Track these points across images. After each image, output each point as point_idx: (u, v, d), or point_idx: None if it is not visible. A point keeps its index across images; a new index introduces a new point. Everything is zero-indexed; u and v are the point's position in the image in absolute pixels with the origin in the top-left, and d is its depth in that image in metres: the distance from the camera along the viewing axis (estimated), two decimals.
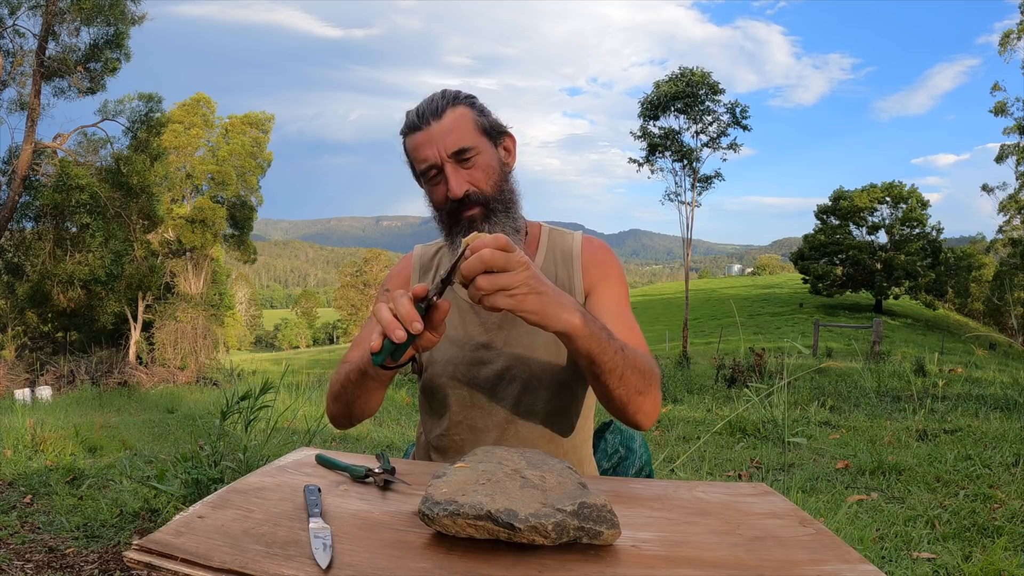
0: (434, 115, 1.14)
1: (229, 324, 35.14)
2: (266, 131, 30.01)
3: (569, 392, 1.20)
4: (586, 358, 0.94)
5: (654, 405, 1.04)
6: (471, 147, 1.13)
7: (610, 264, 1.24)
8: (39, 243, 17.66)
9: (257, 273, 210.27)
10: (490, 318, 1.22)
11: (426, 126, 1.14)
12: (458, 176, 1.13)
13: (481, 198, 1.14)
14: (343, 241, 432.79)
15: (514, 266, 0.82)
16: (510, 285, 0.82)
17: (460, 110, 1.15)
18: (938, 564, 2.39)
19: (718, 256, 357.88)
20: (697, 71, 18.53)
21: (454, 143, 1.12)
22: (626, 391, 0.99)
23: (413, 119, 1.16)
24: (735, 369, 9.04)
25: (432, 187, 1.18)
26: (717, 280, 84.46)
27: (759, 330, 29.56)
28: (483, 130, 1.17)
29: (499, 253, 0.82)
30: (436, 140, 1.13)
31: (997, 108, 25.13)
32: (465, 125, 1.15)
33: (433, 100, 1.16)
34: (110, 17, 16.70)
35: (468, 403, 1.20)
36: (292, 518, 0.75)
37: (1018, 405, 5.70)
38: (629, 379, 0.98)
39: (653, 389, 1.02)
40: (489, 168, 1.16)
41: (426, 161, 1.14)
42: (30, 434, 4.95)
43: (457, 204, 1.14)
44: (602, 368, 0.95)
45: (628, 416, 1.04)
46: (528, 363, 1.18)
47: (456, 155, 1.12)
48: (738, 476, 3.96)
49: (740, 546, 0.70)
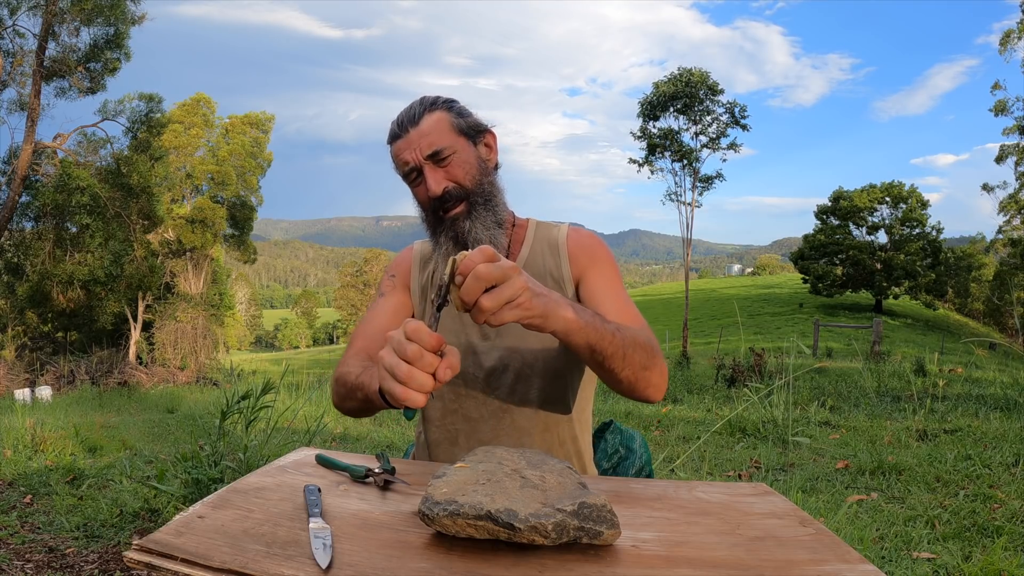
0: (411, 122, 1.19)
1: (229, 324, 35.12)
2: (266, 131, 30.02)
3: (562, 381, 1.22)
4: (586, 349, 0.94)
5: (661, 376, 1.05)
6: (446, 147, 1.18)
7: (597, 249, 1.26)
8: (39, 243, 17.66)
9: (257, 273, 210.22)
10: None
11: (405, 133, 1.19)
12: (435, 175, 1.18)
13: (461, 193, 1.18)
14: (343, 241, 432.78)
15: (509, 274, 0.80)
16: (514, 296, 0.80)
17: (436, 115, 1.20)
18: (938, 564, 2.39)
19: (718, 256, 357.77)
20: (696, 71, 18.53)
21: (429, 145, 1.17)
22: (632, 371, 0.99)
23: (394, 128, 1.22)
24: (735, 369, 9.04)
25: (415, 188, 1.23)
26: (717, 280, 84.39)
27: (759, 330, 29.56)
28: (460, 131, 1.21)
29: (492, 266, 0.79)
30: (414, 144, 1.18)
31: (997, 107, 25.13)
32: (441, 128, 1.19)
33: (411, 108, 1.22)
34: (110, 17, 16.71)
35: (463, 393, 1.22)
36: (292, 518, 0.75)
37: (1018, 405, 5.70)
38: (632, 357, 0.98)
39: (657, 360, 1.03)
40: (466, 164, 1.19)
41: (407, 164, 1.20)
42: (30, 434, 4.95)
43: (439, 202, 1.18)
44: (603, 354, 0.95)
45: (639, 393, 1.04)
46: (521, 353, 1.20)
47: (432, 156, 1.17)
48: (738, 476, 3.96)
49: (740, 546, 0.70)
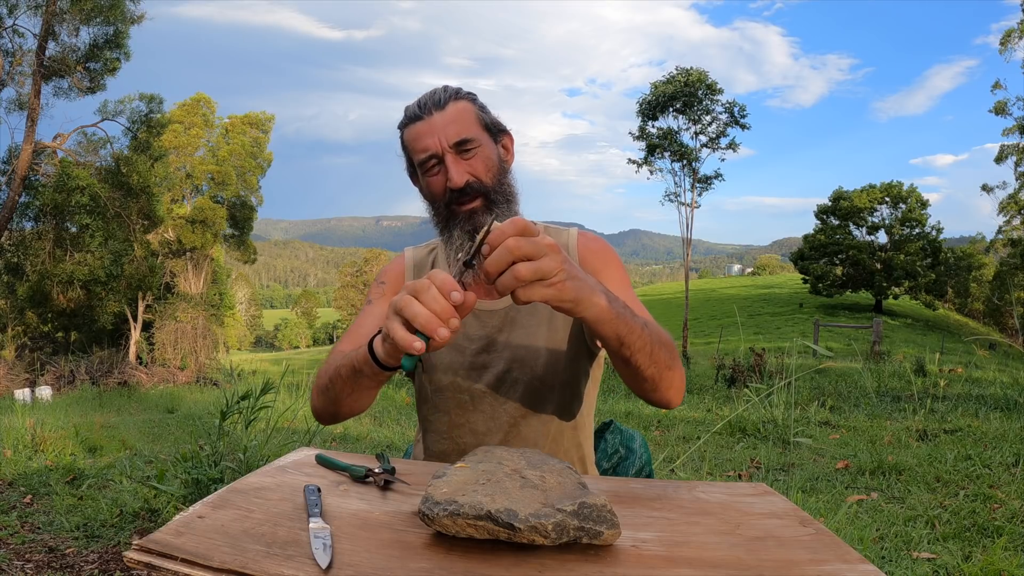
0: (437, 106, 1.13)
1: (229, 324, 35.14)
2: (266, 131, 30.02)
3: (570, 391, 1.19)
4: (615, 340, 0.89)
5: (681, 379, 1.01)
6: (473, 138, 1.13)
7: (607, 253, 1.23)
8: (39, 243, 17.65)
9: (257, 273, 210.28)
10: (490, 319, 1.19)
11: (428, 116, 1.13)
12: (458, 166, 1.12)
13: (482, 188, 1.13)
14: (343, 241, 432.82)
15: (545, 251, 0.75)
16: (549, 273, 0.75)
17: (463, 104, 1.15)
18: (938, 564, 2.39)
19: (718, 256, 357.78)
20: (694, 71, 18.54)
21: (456, 133, 1.11)
22: (657, 368, 0.95)
23: (414, 109, 1.15)
24: (735, 369, 9.04)
25: (430, 178, 1.15)
26: (717, 280, 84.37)
27: (759, 330, 29.56)
28: (484, 125, 1.16)
29: (526, 240, 0.74)
30: (438, 129, 1.12)
31: (998, 107, 25.14)
32: (467, 117, 1.14)
33: (436, 93, 1.15)
34: (109, 17, 16.70)
35: (469, 407, 1.17)
36: (292, 518, 0.75)
37: (1018, 405, 5.70)
38: (658, 355, 0.94)
39: (678, 362, 0.99)
40: (489, 161, 1.15)
41: (427, 151, 1.13)
42: (30, 434, 4.95)
43: (457, 194, 1.12)
44: (632, 348, 0.91)
45: (661, 393, 1.00)
46: (531, 365, 1.16)
47: (457, 145, 1.11)
48: (738, 476, 3.96)
49: (740, 546, 0.70)
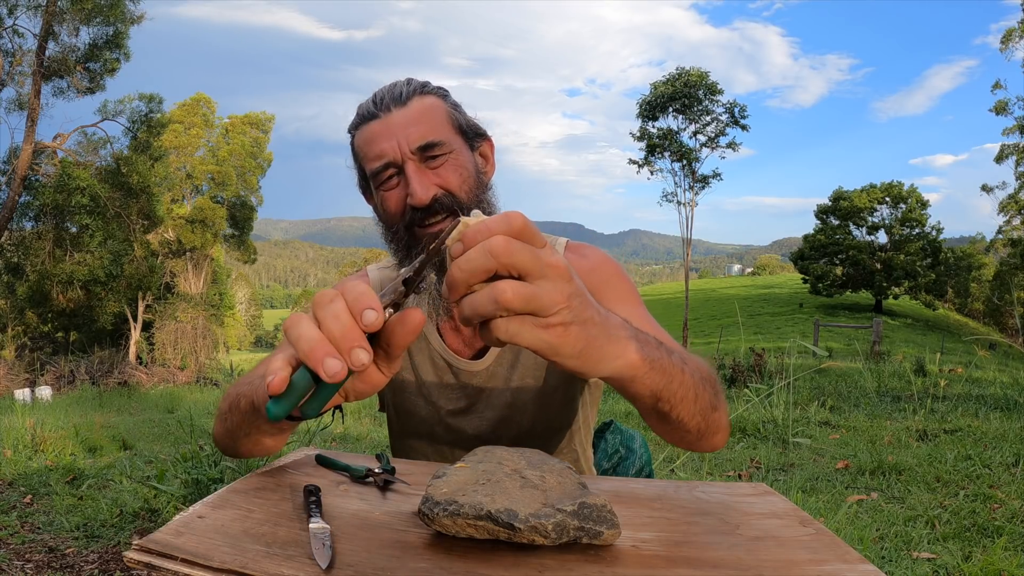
0: (396, 101, 0.89)
1: (229, 324, 35.14)
2: (266, 131, 30.06)
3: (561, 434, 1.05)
4: (650, 398, 0.66)
5: (726, 415, 0.80)
6: (442, 142, 0.89)
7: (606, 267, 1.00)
8: (39, 243, 17.68)
9: (257, 273, 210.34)
10: (470, 380, 0.98)
11: (385, 113, 0.89)
12: (423, 177, 0.87)
13: (453, 203, 0.88)
14: (343, 241, 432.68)
15: (545, 271, 0.47)
16: (547, 306, 0.47)
17: (430, 99, 0.91)
18: (938, 564, 2.39)
19: (718, 256, 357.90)
20: (694, 71, 18.57)
21: (420, 136, 0.87)
22: (703, 416, 0.73)
23: (368, 107, 0.91)
24: (735, 369, 9.04)
25: (386, 192, 0.91)
26: (717, 280, 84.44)
27: (759, 330, 29.59)
28: (457, 127, 0.93)
29: (520, 245, 0.47)
30: (396, 131, 0.88)
31: (998, 107, 25.18)
32: (436, 116, 0.90)
33: (396, 86, 0.92)
34: (109, 17, 16.73)
35: (449, 458, 1.01)
36: (292, 518, 0.75)
37: (1018, 405, 5.70)
38: (703, 398, 0.72)
39: (722, 396, 0.79)
40: (464, 170, 0.90)
41: (381, 158, 0.88)
42: (30, 434, 4.95)
43: (421, 213, 0.87)
44: (672, 401, 0.68)
45: (705, 442, 0.80)
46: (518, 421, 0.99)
47: (422, 150, 0.88)
48: (738, 476, 3.96)
49: (740, 546, 0.70)
